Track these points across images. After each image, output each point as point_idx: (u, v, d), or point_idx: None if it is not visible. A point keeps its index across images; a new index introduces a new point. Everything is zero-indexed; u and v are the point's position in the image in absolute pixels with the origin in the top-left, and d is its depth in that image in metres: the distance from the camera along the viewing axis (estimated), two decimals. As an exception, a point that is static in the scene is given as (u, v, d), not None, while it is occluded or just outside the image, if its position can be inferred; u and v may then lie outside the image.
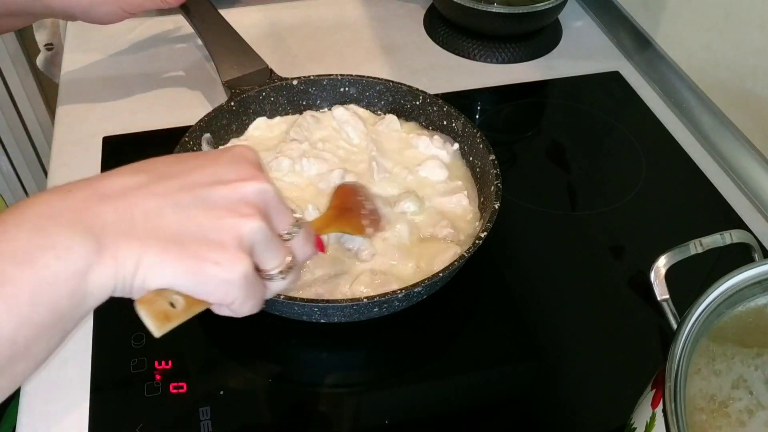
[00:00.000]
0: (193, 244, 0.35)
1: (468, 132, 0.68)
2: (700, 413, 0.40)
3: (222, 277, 0.36)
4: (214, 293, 0.36)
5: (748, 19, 0.71)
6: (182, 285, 0.35)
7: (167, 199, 0.36)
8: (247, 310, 0.39)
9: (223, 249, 0.36)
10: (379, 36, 0.93)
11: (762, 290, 0.46)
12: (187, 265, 0.35)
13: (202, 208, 0.36)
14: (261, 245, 0.38)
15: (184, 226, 0.35)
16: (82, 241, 0.33)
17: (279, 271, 0.40)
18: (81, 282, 0.33)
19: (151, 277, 0.35)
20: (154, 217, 0.35)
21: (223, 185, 0.37)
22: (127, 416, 0.52)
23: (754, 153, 0.72)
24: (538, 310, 0.62)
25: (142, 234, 0.34)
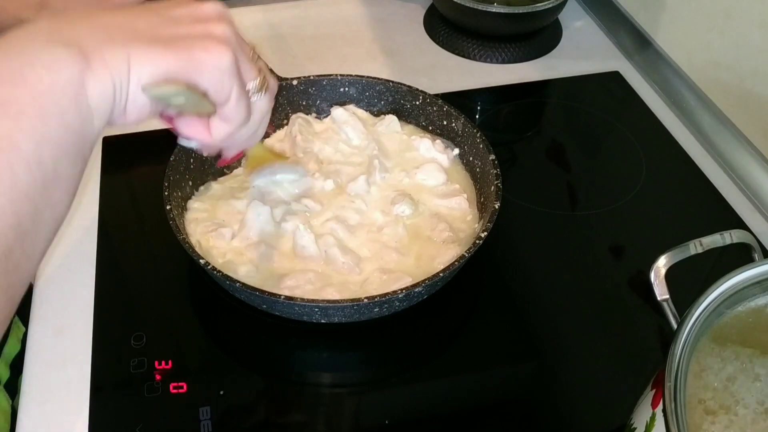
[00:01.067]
0: (174, 40, 0.36)
1: (468, 132, 0.68)
2: (700, 413, 0.40)
3: (213, 61, 0.37)
4: (209, 78, 0.37)
5: (748, 19, 0.71)
6: (176, 69, 0.36)
7: (135, 17, 0.37)
8: (243, 113, 0.41)
9: (205, 40, 0.37)
10: (379, 36, 0.93)
11: (762, 290, 0.46)
12: (176, 52, 0.36)
13: (170, 22, 0.38)
14: (237, 48, 0.39)
15: (159, 32, 0.37)
16: (65, 51, 0.32)
17: (258, 82, 0.41)
18: (80, 91, 0.32)
19: (145, 71, 0.35)
20: (127, 27, 0.36)
21: (184, 7, 0.39)
22: (127, 416, 0.52)
23: (754, 153, 0.72)
24: (538, 310, 0.62)
25: (122, 39, 0.35)
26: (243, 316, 0.59)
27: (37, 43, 0.32)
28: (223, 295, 0.59)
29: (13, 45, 0.32)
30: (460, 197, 0.65)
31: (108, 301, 0.60)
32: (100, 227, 0.66)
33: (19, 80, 0.31)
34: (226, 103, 0.39)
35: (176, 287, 0.62)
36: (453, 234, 0.62)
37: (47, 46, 0.32)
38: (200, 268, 0.55)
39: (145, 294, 0.62)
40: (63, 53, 0.32)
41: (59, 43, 0.32)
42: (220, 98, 0.39)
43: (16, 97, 0.31)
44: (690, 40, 0.81)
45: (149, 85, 0.35)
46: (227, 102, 0.39)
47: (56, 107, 0.32)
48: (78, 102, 0.32)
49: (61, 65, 0.32)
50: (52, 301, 0.60)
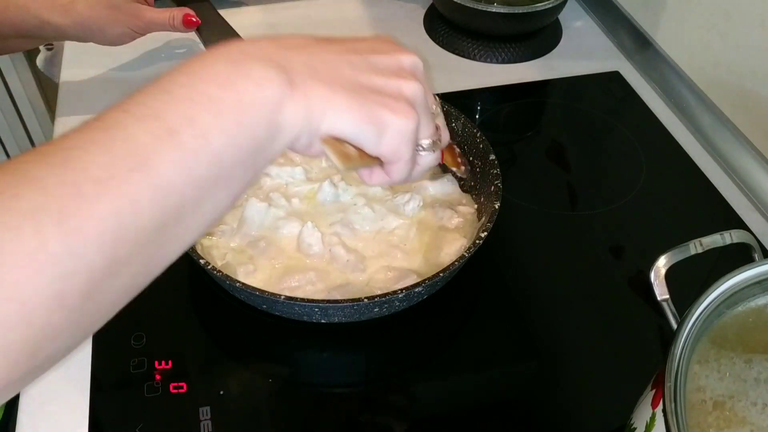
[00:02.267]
0: (370, 94, 0.38)
1: (468, 132, 0.68)
2: (700, 413, 0.40)
3: (397, 126, 0.38)
4: (389, 143, 0.38)
5: (748, 19, 0.71)
6: (363, 134, 0.37)
7: (341, 56, 0.39)
8: (405, 173, 0.41)
9: (396, 100, 0.38)
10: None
11: (762, 290, 0.46)
12: (369, 113, 0.37)
13: (370, 68, 0.39)
14: (420, 109, 0.40)
15: (358, 80, 0.38)
16: (276, 74, 0.35)
17: (431, 141, 0.42)
18: (276, 112, 0.35)
19: (338, 122, 0.37)
20: (334, 68, 0.38)
21: (383, 54, 0.41)
22: (127, 416, 0.52)
23: (754, 153, 0.72)
24: (538, 310, 0.62)
25: (327, 80, 0.37)
26: (243, 316, 0.59)
27: (254, 60, 0.35)
28: (223, 295, 0.59)
29: (235, 55, 0.35)
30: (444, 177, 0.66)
31: (108, 301, 0.60)
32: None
33: (230, 86, 0.33)
34: (395, 164, 0.40)
35: (176, 287, 0.62)
36: (462, 219, 0.62)
37: (263, 64, 0.35)
38: (200, 268, 0.55)
39: (145, 294, 0.62)
40: (274, 75, 0.35)
41: (273, 65, 0.35)
42: (392, 160, 0.40)
43: (222, 99, 0.33)
44: (690, 40, 0.81)
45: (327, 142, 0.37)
46: (396, 163, 0.40)
47: (252, 118, 0.34)
48: (270, 120, 0.34)
49: (270, 86, 0.34)
50: (52, 301, 0.60)
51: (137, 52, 0.87)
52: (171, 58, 0.88)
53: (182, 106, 0.32)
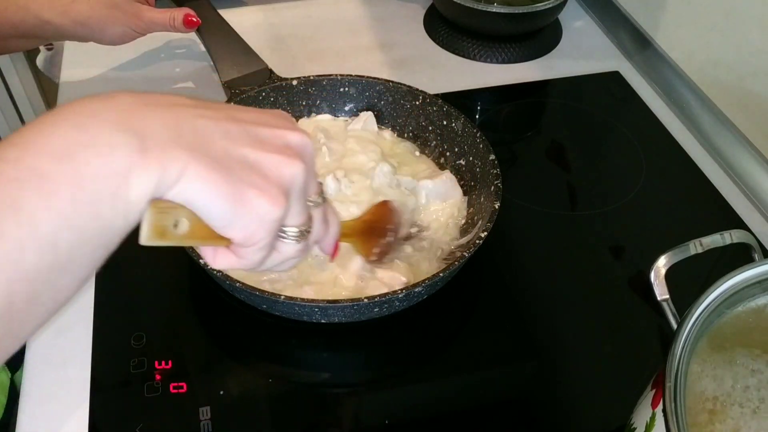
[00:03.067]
0: (239, 170, 0.33)
1: (468, 132, 0.68)
2: (700, 413, 0.40)
3: (260, 211, 0.34)
4: (245, 227, 0.34)
5: (748, 19, 0.71)
6: (217, 210, 0.33)
7: (217, 124, 0.34)
8: (257, 260, 0.37)
9: (267, 182, 0.34)
10: (379, 36, 0.93)
11: (762, 290, 0.46)
12: (232, 189, 0.33)
13: (248, 141, 0.35)
14: (295, 194, 0.36)
15: (230, 152, 0.34)
16: (125, 140, 0.30)
17: (297, 231, 0.38)
18: (122, 185, 0.30)
19: (191, 192, 0.32)
20: (202, 135, 0.33)
21: (269, 127, 0.36)
22: (127, 416, 0.52)
23: (754, 153, 0.72)
24: (538, 310, 0.62)
25: (191, 146, 0.32)
26: (243, 316, 0.59)
27: (102, 124, 0.31)
28: (223, 295, 0.59)
29: (80, 117, 0.31)
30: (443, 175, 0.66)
31: (108, 301, 0.60)
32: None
33: (67, 158, 0.29)
34: (245, 248, 0.36)
35: (176, 287, 0.62)
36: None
37: (109, 128, 0.30)
38: (200, 268, 0.55)
39: (145, 294, 0.62)
40: (122, 141, 0.30)
41: (124, 129, 0.31)
42: (243, 243, 0.36)
43: (56, 175, 0.29)
44: (690, 40, 0.81)
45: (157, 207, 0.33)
46: (247, 248, 0.36)
47: (92, 195, 0.30)
48: (117, 196, 0.30)
49: (115, 155, 0.30)
50: (52, 301, 0.60)
51: (137, 52, 0.87)
52: (171, 58, 0.88)
53: (7, 188, 0.28)
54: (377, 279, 0.59)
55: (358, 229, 0.52)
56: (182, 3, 0.79)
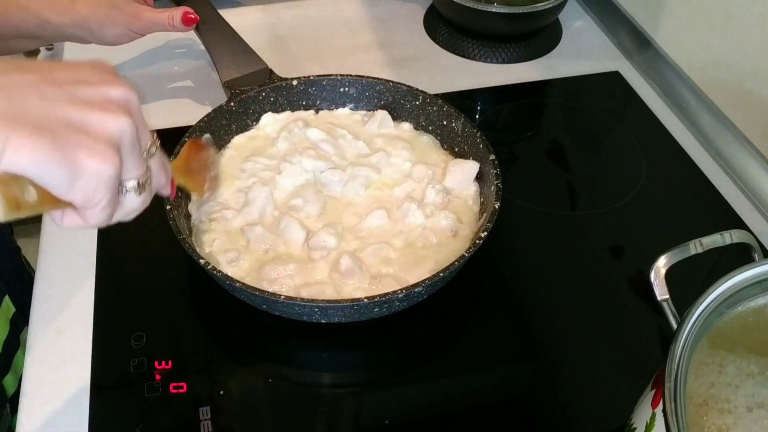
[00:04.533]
0: (64, 132, 0.33)
1: (468, 132, 0.68)
2: (700, 413, 0.40)
3: (94, 169, 0.33)
4: (83, 189, 0.34)
5: (748, 19, 0.71)
6: (51, 176, 0.32)
7: (31, 89, 0.33)
8: (101, 219, 0.37)
9: (95, 140, 0.33)
10: (379, 36, 0.93)
11: (762, 290, 0.46)
12: (61, 152, 0.32)
13: (68, 101, 0.34)
14: (127, 148, 0.36)
15: (51, 115, 0.33)
16: None
17: (137, 183, 0.38)
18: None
19: (19, 162, 0.31)
20: (19, 102, 0.32)
21: (88, 85, 0.35)
22: (127, 416, 0.52)
23: (754, 153, 0.72)
24: (538, 310, 0.62)
25: (6, 115, 0.31)
26: (243, 316, 0.59)
27: None
28: (223, 295, 0.59)
29: None
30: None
31: (108, 301, 0.60)
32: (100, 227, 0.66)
33: None
34: (89, 209, 0.36)
35: (176, 287, 0.62)
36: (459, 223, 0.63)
37: None
38: (200, 268, 0.55)
39: (145, 294, 0.62)
40: None
41: None
42: (85, 206, 0.35)
43: None
44: (690, 40, 0.81)
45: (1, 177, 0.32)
46: (90, 209, 0.35)
47: None
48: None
49: None
50: (52, 301, 0.60)
51: (137, 51, 0.87)
52: (171, 58, 0.88)
53: None
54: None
55: (183, 168, 0.52)
56: (181, 2, 0.79)
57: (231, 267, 0.58)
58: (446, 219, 0.62)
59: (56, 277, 0.62)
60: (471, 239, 0.61)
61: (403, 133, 0.72)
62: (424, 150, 0.71)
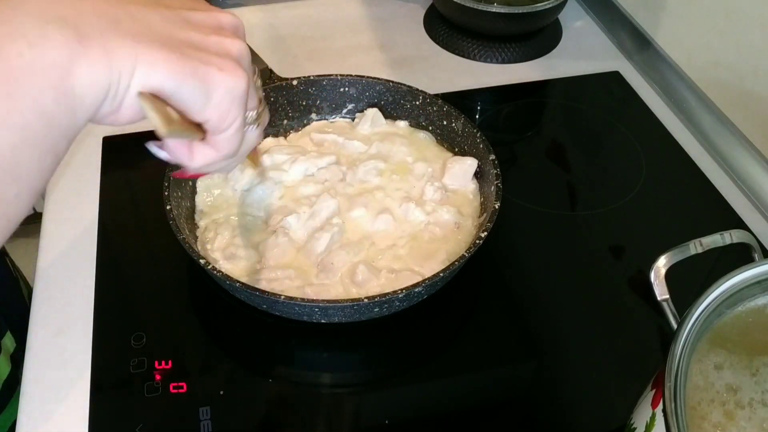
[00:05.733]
0: (190, 50, 0.32)
1: (468, 132, 0.68)
2: (700, 413, 0.40)
3: (228, 84, 0.33)
4: (218, 105, 0.33)
5: (748, 19, 0.71)
6: (188, 91, 0.31)
7: (149, 9, 0.32)
8: (234, 146, 0.36)
9: (221, 58, 0.33)
10: (379, 36, 0.93)
11: (762, 290, 0.46)
12: (193, 68, 0.31)
13: (186, 24, 0.33)
14: (248, 72, 0.35)
15: (174, 35, 0.32)
16: (58, 30, 0.28)
17: (256, 112, 0.38)
18: (65, 77, 0.28)
19: (155, 76, 0.30)
20: (141, 20, 0.31)
21: (201, 11, 0.35)
22: (127, 416, 0.52)
23: (754, 153, 0.72)
24: (538, 310, 0.62)
25: (132, 32, 0.30)
26: (243, 316, 0.59)
27: (27, 16, 0.28)
28: (223, 294, 0.59)
29: (2, 11, 0.28)
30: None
31: (108, 301, 0.60)
32: (100, 227, 0.66)
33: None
34: (223, 133, 0.35)
35: (176, 287, 0.62)
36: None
37: (38, 19, 0.28)
38: (200, 268, 0.55)
39: (145, 294, 0.62)
40: (55, 30, 0.28)
41: (53, 20, 0.28)
42: (220, 127, 0.35)
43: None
44: (690, 40, 0.81)
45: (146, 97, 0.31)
46: (225, 132, 0.35)
47: (32, 88, 0.27)
48: (60, 88, 0.28)
49: (50, 44, 0.27)
50: (52, 301, 0.60)
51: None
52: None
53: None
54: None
55: None
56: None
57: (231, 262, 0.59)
58: (448, 213, 0.63)
59: (56, 277, 0.62)
60: (475, 232, 0.62)
61: (399, 131, 0.72)
62: (422, 146, 0.71)
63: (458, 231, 0.62)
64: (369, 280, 0.58)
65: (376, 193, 0.65)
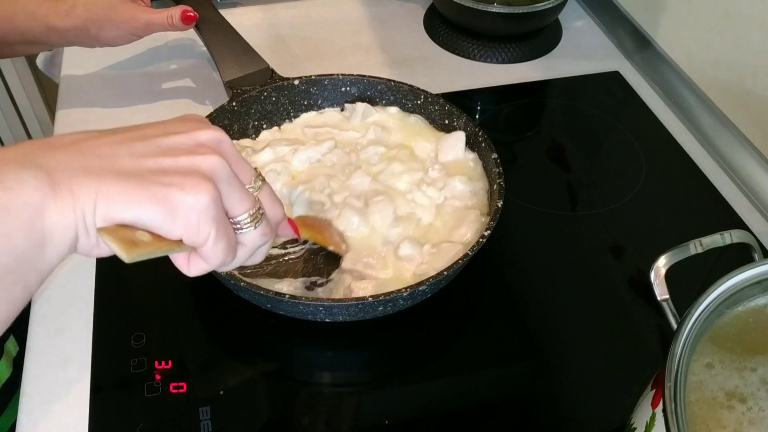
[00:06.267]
0: (153, 176, 0.34)
1: (470, 131, 0.68)
2: (700, 413, 0.40)
3: (189, 202, 0.34)
4: (184, 223, 0.35)
5: (748, 19, 0.71)
6: (149, 217, 0.34)
7: (121, 145, 0.35)
8: (221, 256, 0.37)
9: (184, 176, 0.35)
10: (379, 36, 0.93)
11: (762, 290, 0.46)
12: (151, 193, 0.33)
13: (158, 151, 0.35)
14: (225, 183, 0.36)
15: (141, 166, 0.34)
16: (32, 174, 0.31)
17: (249, 215, 0.38)
18: (36, 218, 0.31)
19: (113, 210, 0.33)
20: (108, 157, 0.34)
21: (178, 134, 0.37)
22: (127, 416, 0.52)
23: (754, 153, 0.72)
24: (538, 309, 0.62)
25: (98, 171, 0.33)
26: (243, 316, 0.59)
27: (6, 163, 0.31)
28: (223, 294, 0.59)
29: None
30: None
31: (108, 301, 0.60)
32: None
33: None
34: (203, 246, 0.36)
35: (176, 287, 0.62)
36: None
37: (17, 167, 0.31)
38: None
39: (145, 294, 0.62)
40: (29, 176, 0.31)
41: (29, 167, 0.31)
42: (195, 242, 0.36)
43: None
44: (690, 40, 0.81)
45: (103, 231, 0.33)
46: (204, 245, 0.36)
47: (4, 230, 0.30)
48: (30, 227, 0.31)
49: (24, 188, 0.31)
50: (52, 301, 0.60)
51: (137, 51, 0.87)
52: (171, 57, 0.88)
53: None
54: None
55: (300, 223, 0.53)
56: (181, 2, 0.79)
57: None
58: (461, 182, 0.64)
59: (56, 277, 0.62)
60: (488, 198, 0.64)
61: (391, 117, 0.72)
62: (415, 129, 0.71)
63: (476, 197, 0.64)
64: (412, 257, 0.59)
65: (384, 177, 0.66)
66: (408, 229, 0.61)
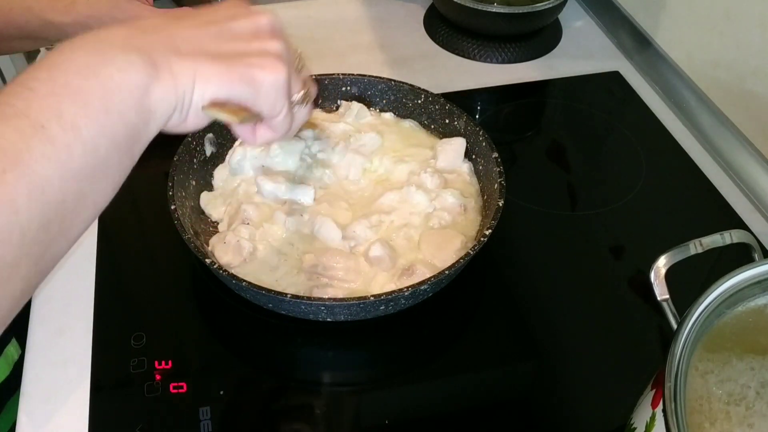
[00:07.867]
0: (236, 58, 0.39)
1: (470, 130, 0.68)
2: (699, 413, 0.40)
3: (270, 80, 0.40)
4: (266, 99, 0.40)
5: (748, 19, 0.71)
6: (238, 93, 0.39)
7: (200, 30, 0.40)
8: (287, 126, 0.44)
9: (262, 58, 0.40)
10: (379, 36, 0.93)
11: (762, 290, 0.46)
12: (239, 73, 0.39)
13: (231, 35, 0.41)
14: (289, 64, 0.42)
15: (221, 48, 0.39)
16: (138, 58, 0.35)
17: (302, 94, 0.44)
18: (144, 96, 0.35)
19: (209, 88, 0.38)
20: (194, 41, 0.39)
21: (237, 20, 0.42)
22: (127, 416, 0.52)
23: (754, 153, 0.72)
24: (538, 309, 0.62)
25: (189, 53, 0.38)
26: (244, 315, 0.59)
27: (114, 47, 0.35)
28: (224, 294, 0.59)
29: (93, 44, 0.35)
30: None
31: (108, 301, 0.60)
32: (100, 227, 0.66)
33: (93, 75, 0.33)
34: (276, 118, 0.43)
35: (176, 287, 0.62)
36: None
37: (123, 50, 0.35)
38: (202, 268, 0.55)
39: (145, 294, 0.62)
40: (136, 59, 0.35)
41: (134, 50, 0.35)
42: (272, 114, 0.42)
43: (87, 89, 0.33)
44: (690, 40, 0.81)
45: (210, 107, 0.38)
46: (277, 116, 0.42)
47: (120, 105, 0.34)
48: (140, 104, 0.35)
49: (133, 69, 0.35)
50: (52, 301, 0.60)
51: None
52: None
53: (47, 101, 0.32)
54: None
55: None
56: (182, 3, 0.79)
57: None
58: (452, 196, 0.64)
59: (56, 277, 0.62)
60: (481, 213, 0.63)
61: (384, 122, 0.72)
62: (410, 134, 0.71)
63: (466, 213, 0.63)
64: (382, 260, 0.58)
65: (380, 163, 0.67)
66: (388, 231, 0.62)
